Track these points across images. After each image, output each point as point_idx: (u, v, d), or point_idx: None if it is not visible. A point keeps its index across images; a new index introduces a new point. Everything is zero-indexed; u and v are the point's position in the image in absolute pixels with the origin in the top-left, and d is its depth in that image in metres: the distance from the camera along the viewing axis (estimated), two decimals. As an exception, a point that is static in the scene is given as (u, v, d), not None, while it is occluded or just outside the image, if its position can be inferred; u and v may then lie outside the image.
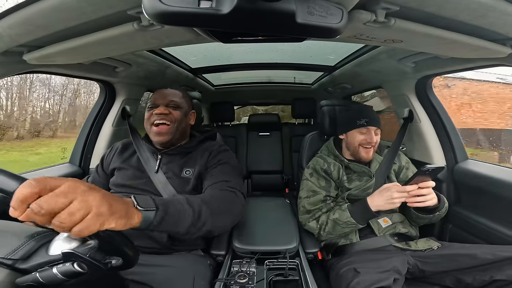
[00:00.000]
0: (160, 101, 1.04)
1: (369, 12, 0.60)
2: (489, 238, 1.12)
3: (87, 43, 0.75)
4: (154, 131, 1.02)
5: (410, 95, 1.47)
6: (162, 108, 1.02)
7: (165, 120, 1.02)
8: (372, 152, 1.24)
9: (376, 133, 1.24)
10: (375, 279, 0.90)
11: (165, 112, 1.01)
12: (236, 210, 0.87)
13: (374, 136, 1.23)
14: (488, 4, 0.55)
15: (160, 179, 1.01)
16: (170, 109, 1.04)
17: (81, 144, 1.48)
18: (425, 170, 0.90)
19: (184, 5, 0.46)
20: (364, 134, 1.24)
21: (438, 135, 1.44)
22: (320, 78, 2.39)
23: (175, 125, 1.04)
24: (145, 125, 1.07)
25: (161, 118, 1.01)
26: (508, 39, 0.73)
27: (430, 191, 0.97)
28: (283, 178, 2.58)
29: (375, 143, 1.23)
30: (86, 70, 1.17)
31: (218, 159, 1.04)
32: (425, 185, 0.96)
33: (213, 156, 1.06)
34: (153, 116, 1.02)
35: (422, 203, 0.97)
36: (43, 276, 0.48)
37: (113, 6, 0.60)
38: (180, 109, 1.06)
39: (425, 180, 0.96)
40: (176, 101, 1.06)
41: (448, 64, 1.09)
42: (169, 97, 1.05)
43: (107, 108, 1.52)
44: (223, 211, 0.81)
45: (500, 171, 1.19)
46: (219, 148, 1.10)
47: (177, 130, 1.05)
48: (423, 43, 0.79)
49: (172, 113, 1.03)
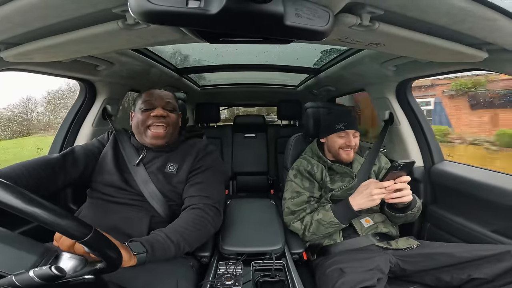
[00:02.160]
0: (157, 103, 1.00)
1: (355, 16, 0.61)
2: (465, 237, 1.17)
3: (68, 41, 0.71)
4: (151, 134, 0.99)
5: (391, 98, 1.52)
6: (161, 111, 0.99)
7: (163, 123, 0.99)
8: (352, 153, 1.28)
9: (355, 135, 1.28)
10: (360, 279, 0.92)
11: (164, 115, 0.99)
12: (210, 231, 0.94)
13: (353, 139, 1.27)
14: (467, 9, 0.57)
15: (141, 174, 0.99)
16: (168, 111, 1.01)
17: (59, 145, 1.41)
18: (397, 165, 0.94)
19: (172, 5, 0.45)
20: (343, 138, 1.28)
21: (416, 137, 1.50)
22: (306, 80, 2.42)
23: (172, 128, 1.02)
24: (138, 127, 1.02)
25: (160, 121, 0.98)
26: (485, 43, 0.77)
27: (406, 185, 1.00)
28: (268, 179, 2.60)
29: (354, 145, 1.28)
30: (66, 68, 1.12)
31: (201, 164, 1.03)
32: (401, 180, 0.99)
33: (199, 158, 1.05)
34: (150, 119, 0.99)
35: (400, 198, 0.99)
36: (19, 280, 0.46)
37: (97, 4, 0.57)
38: (175, 112, 1.04)
39: (400, 176, 0.99)
40: (172, 103, 1.04)
41: (427, 68, 1.14)
42: (166, 99, 1.02)
43: (87, 107, 1.46)
44: (197, 237, 0.89)
45: (475, 172, 1.25)
46: (205, 149, 1.09)
47: (173, 133, 1.03)
48: (404, 47, 0.82)
49: (169, 116, 1.01)
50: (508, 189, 1.03)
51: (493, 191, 1.09)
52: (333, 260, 1.09)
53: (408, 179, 0.99)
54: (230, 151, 2.63)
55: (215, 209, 0.95)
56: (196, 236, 0.88)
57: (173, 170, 1.01)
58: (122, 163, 1.03)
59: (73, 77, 1.30)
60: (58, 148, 1.40)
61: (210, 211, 0.93)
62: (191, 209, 0.93)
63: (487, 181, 1.13)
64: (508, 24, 0.63)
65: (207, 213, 0.92)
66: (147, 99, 1.01)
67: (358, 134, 1.30)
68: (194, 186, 0.99)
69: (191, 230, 0.86)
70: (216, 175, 1.04)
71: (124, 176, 1.00)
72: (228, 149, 2.62)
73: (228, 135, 2.66)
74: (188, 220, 0.89)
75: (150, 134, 0.99)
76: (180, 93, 1.40)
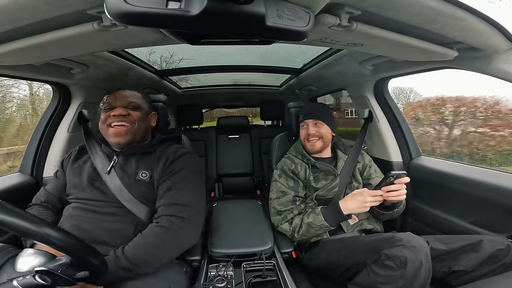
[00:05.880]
0: (118, 103, 0.99)
1: (334, 16, 0.62)
2: (444, 229, 1.22)
3: (39, 44, 0.68)
4: (111, 132, 0.97)
5: (370, 97, 1.57)
6: (121, 110, 0.97)
7: (124, 122, 0.97)
8: (319, 144, 1.31)
9: (317, 125, 1.31)
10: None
11: (123, 114, 0.97)
12: (174, 246, 0.90)
13: (313, 128, 1.30)
14: (438, 9, 0.60)
15: (114, 182, 0.96)
16: (130, 110, 1.00)
17: (33, 151, 1.33)
18: (392, 175, 0.99)
19: (151, 6, 0.44)
20: (304, 128, 1.33)
21: (395, 133, 1.56)
22: (288, 80, 2.45)
23: (136, 125, 1.00)
24: (101, 126, 1.01)
25: (119, 120, 0.97)
26: (455, 42, 0.81)
27: (402, 186, 1.02)
28: (253, 180, 2.60)
29: (320, 135, 1.30)
30: (37, 72, 1.06)
31: (171, 169, 0.99)
32: (400, 181, 1.01)
33: (169, 162, 1.00)
34: (110, 118, 0.98)
35: (396, 197, 1.02)
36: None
37: (71, 5, 0.55)
38: (140, 110, 1.02)
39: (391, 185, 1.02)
40: (136, 102, 1.02)
41: (402, 67, 1.19)
42: (128, 99, 1.02)
43: (61, 112, 1.39)
44: (157, 256, 0.86)
45: (451, 166, 1.31)
46: (176, 152, 1.04)
47: (138, 130, 1.01)
48: (380, 46, 0.85)
49: (131, 114, 1.00)
50: (483, 181, 1.09)
51: (468, 183, 1.14)
52: (322, 256, 1.13)
53: (407, 181, 1.02)
54: (215, 153, 2.61)
55: (181, 220, 0.90)
56: (155, 256, 0.85)
57: (145, 178, 0.98)
58: (93, 174, 1.00)
59: (46, 81, 1.23)
60: (32, 154, 1.33)
61: (173, 224, 0.88)
62: (154, 225, 0.89)
63: (463, 174, 1.19)
64: (476, 23, 0.66)
65: (169, 229, 0.87)
66: (110, 100, 1.02)
67: (321, 124, 1.32)
68: (163, 195, 0.95)
69: (148, 253, 0.84)
70: (187, 178, 0.99)
71: (98, 187, 0.98)
72: (212, 151, 2.60)
73: (212, 137, 2.64)
74: (148, 242, 0.86)
75: (110, 132, 0.98)
76: (160, 95, 1.36)
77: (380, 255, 0.88)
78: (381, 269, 0.87)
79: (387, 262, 0.85)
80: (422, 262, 0.82)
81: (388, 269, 0.84)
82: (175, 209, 0.91)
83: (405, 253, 0.83)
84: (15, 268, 0.52)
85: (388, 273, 0.84)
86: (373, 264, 0.89)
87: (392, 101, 1.56)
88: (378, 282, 0.86)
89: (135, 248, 0.82)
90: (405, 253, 0.83)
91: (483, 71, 0.87)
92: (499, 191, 1.03)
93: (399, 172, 1.00)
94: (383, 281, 0.85)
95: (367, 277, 0.90)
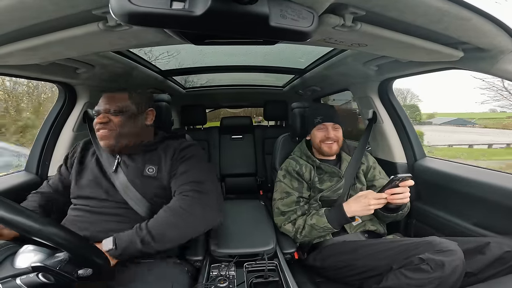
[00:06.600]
0: (102, 107, 1.00)
1: (338, 17, 0.62)
2: (448, 231, 1.21)
3: (45, 43, 0.68)
4: (98, 136, 1.00)
5: (374, 97, 1.56)
6: (102, 116, 0.98)
7: (105, 128, 0.98)
8: (335, 146, 1.31)
9: (334, 128, 1.31)
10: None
11: (104, 121, 0.98)
12: (197, 218, 0.90)
13: (332, 131, 1.30)
14: (443, 9, 0.59)
15: (120, 180, 0.97)
16: (111, 115, 0.99)
17: (38, 150, 1.35)
18: (397, 179, 0.99)
19: (155, 6, 0.44)
20: (322, 130, 1.31)
21: (399, 134, 1.55)
22: (291, 81, 2.44)
23: (117, 131, 0.99)
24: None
25: (102, 127, 0.98)
26: (460, 43, 0.80)
27: (406, 189, 1.02)
28: (257, 180, 2.60)
29: (337, 138, 1.30)
30: (43, 71, 1.07)
31: (184, 155, 1.02)
32: (405, 184, 1.01)
33: (179, 151, 1.03)
34: (97, 124, 0.99)
35: (400, 200, 1.02)
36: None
37: (77, 5, 0.55)
38: (122, 114, 1.00)
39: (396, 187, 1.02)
40: (119, 106, 1.00)
41: (407, 68, 1.18)
42: (112, 103, 1.00)
43: (67, 111, 1.41)
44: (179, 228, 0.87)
45: (455, 167, 1.29)
46: (182, 144, 1.06)
47: (121, 134, 1.00)
48: (385, 47, 0.84)
49: (112, 120, 0.99)
50: (488, 183, 1.08)
51: (473, 185, 1.13)
52: (325, 256, 1.13)
53: (412, 183, 1.01)
54: (218, 153, 2.61)
55: (201, 194, 0.92)
56: (177, 229, 0.87)
57: (152, 173, 0.99)
58: (100, 173, 1.02)
59: (51, 81, 1.25)
60: (38, 153, 1.35)
61: (194, 198, 0.90)
62: (175, 199, 0.92)
63: (467, 176, 1.17)
64: (482, 23, 0.66)
65: (192, 202, 0.90)
66: (99, 103, 1.02)
67: (338, 127, 1.33)
68: (179, 177, 0.97)
69: (169, 224, 0.86)
70: (200, 164, 1.02)
71: (103, 186, 0.99)
72: (215, 151, 2.60)
73: (215, 137, 2.64)
74: (172, 212, 0.88)
75: (97, 135, 1.00)
76: (164, 95, 1.37)
77: (412, 260, 0.88)
78: (413, 273, 0.87)
79: (422, 266, 0.85)
80: (458, 264, 0.82)
81: (423, 272, 0.84)
82: (193, 186, 0.93)
83: (441, 257, 0.83)
84: (14, 264, 0.51)
85: (423, 276, 0.84)
86: (404, 269, 0.89)
87: (396, 102, 1.55)
88: (412, 285, 0.86)
89: (157, 220, 0.86)
90: (441, 256, 0.83)
91: (488, 71, 0.86)
92: (504, 193, 1.01)
93: (404, 175, 0.99)
94: (417, 284, 0.85)
95: (397, 280, 0.89)
